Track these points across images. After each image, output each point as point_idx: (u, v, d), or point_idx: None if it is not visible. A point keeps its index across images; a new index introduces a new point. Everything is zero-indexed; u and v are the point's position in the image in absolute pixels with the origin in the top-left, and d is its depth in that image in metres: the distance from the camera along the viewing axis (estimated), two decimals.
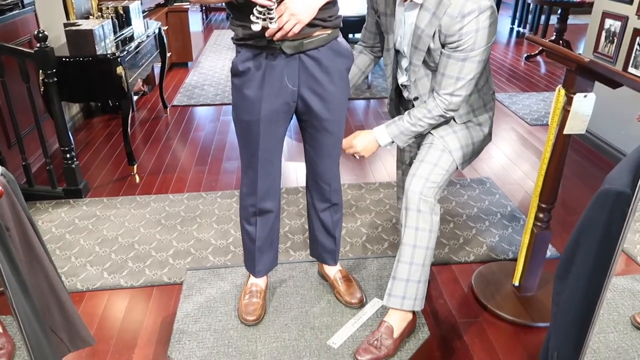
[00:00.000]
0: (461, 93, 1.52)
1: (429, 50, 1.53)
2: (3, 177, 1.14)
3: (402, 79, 1.69)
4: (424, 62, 1.57)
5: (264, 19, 1.35)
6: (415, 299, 1.65)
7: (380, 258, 2.22)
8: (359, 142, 1.65)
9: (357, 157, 1.68)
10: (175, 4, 5.26)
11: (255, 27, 1.35)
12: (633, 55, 2.90)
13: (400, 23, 1.57)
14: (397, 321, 1.70)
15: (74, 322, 1.40)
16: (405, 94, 1.72)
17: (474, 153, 1.71)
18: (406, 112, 1.61)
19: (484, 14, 1.41)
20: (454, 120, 1.65)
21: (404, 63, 1.65)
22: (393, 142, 1.63)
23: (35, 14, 3.08)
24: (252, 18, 1.34)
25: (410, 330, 1.76)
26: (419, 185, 1.59)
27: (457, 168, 1.66)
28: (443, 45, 1.50)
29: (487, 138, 1.74)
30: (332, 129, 1.67)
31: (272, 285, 2.04)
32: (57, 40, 3.22)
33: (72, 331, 1.40)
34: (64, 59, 2.72)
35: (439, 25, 1.46)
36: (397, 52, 1.66)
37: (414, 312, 1.75)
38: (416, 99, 1.64)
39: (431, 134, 1.66)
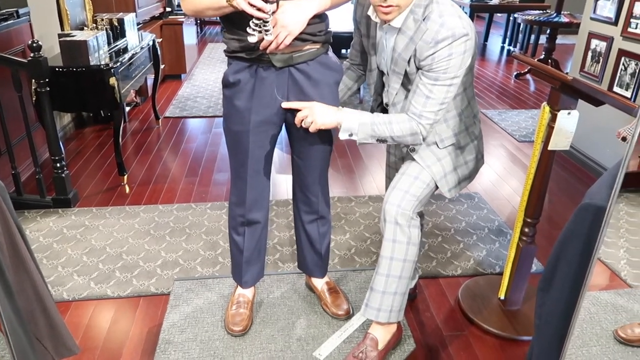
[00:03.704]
0: (430, 116, 1.49)
1: (406, 74, 1.54)
2: None
3: (386, 99, 1.70)
4: (403, 85, 1.57)
5: (260, 31, 1.38)
6: (391, 311, 1.65)
7: (368, 270, 2.23)
8: (319, 108, 1.53)
9: (308, 122, 1.54)
10: (170, 17, 5.31)
11: (252, 39, 1.38)
12: (618, 74, 2.97)
13: (381, 46, 1.59)
14: (382, 333, 1.71)
15: (59, 330, 1.39)
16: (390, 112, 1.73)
17: (461, 178, 1.69)
18: (382, 114, 1.56)
19: (457, 41, 1.41)
20: (437, 145, 1.63)
21: (386, 85, 1.66)
22: (352, 134, 1.53)
23: (30, 24, 3.10)
24: (249, 30, 1.37)
25: (395, 342, 1.76)
26: (397, 198, 1.58)
27: (436, 184, 1.65)
28: (418, 69, 1.51)
29: (477, 162, 1.73)
30: (320, 141, 1.70)
31: (259, 297, 2.04)
32: (51, 50, 3.24)
33: (57, 339, 1.40)
34: (57, 69, 2.73)
35: (415, 50, 1.47)
36: (381, 72, 1.67)
37: (399, 324, 1.76)
38: None
39: (415, 160, 1.64)
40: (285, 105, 1.58)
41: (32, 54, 2.48)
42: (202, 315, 1.94)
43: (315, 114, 1.52)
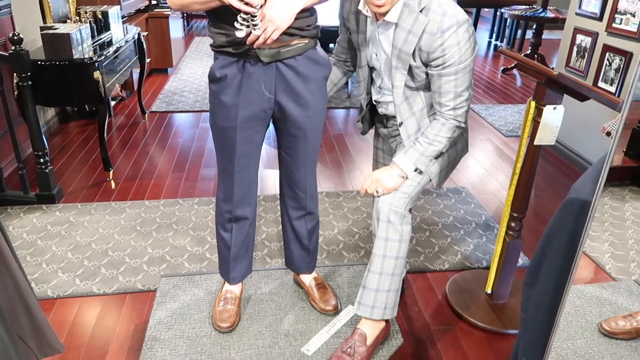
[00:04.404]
0: (463, 104, 1.53)
1: (410, 70, 1.53)
2: None
3: (376, 96, 1.70)
4: (405, 83, 1.56)
5: (248, 26, 1.36)
6: (385, 308, 1.66)
7: (356, 266, 2.23)
8: (380, 175, 1.59)
9: (380, 192, 1.59)
10: (155, 10, 5.24)
11: (240, 34, 1.37)
12: (603, 70, 3.00)
13: (374, 41, 1.58)
14: (371, 328, 1.71)
15: (42, 328, 1.37)
16: (380, 109, 1.72)
17: (449, 170, 1.72)
18: (419, 135, 1.59)
19: (462, 27, 1.43)
20: None
21: (378, 81, 1.66)
22: (417, 169, 1.59)
23: (11, 17, 3.03)
24: (237, 25, 1.35)
25: (383, 337, 1.77)
26: (389, 196, 1.59)
27: (430, 180, 1.67)
28: (426, 65, 1.50)
29: (463, 151, 1.75)
30: (309, 136, 1.68)
31: (247, 293, 2.03)
32: (34, 43, 3.18)
33: (41, 338, 1.37)
34: (39, 63, 2.68)
35: (419, 43, 1.46)
36: (371, 68, 1.67)
37: (387, 319, 1.76)
38: (401, 124, 1.63)
39: None
40: (363, 192, 1.63)
41: (13, 47, 2.43)
42: (189, 311, 1.92)
43: (382, 183, 1.59)
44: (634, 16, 2.78)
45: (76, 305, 1.99)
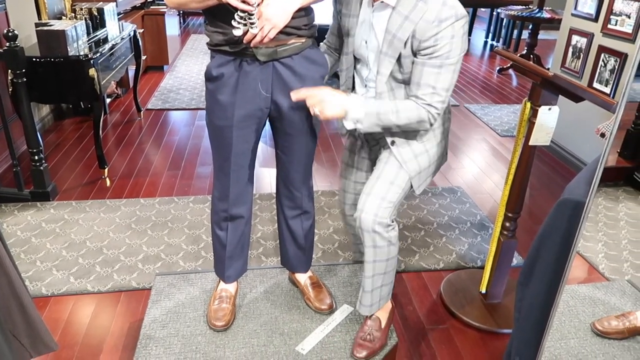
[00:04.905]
0: (438, 105, 1.46)
1: (399, 58, 1.49)
2: None
3: (360, 91, 1.64)
4: (392, 73, 1.52)
5: (245, 24, 1.36)
6: (383, 298, 1.73)
7: (352, 265, 2.23)
8: (327, 98, 1.45)
9: (315, 111, 1.46)
10: (151, 7, 5.22)
11: (237, 32, 1.36)
12: (598, 71, 3.01)
13: (366, 26, 1.53)
14: (381, 312, 1.76)
15: (36, 326, 1.37)
16: None
17: (430, 174, 1.69)
18: (389, 100, 1.51)
19: (459, 21, 1.40)
20: (417, 141, 1.60)
21: (364, 72, 1.60)
22: (357, 122, 1.46)
23: (6, 13, 3.02)
24: (234, 23, 1.35)
25: (392, 317, 1.83)
26: (373, 206, 1.55)
27: (410, 182, 1.63)
28: (415, 54, 1.46)
29: (443, 157, 1.71)
30: (305, 136, 1.68)
31: (242, 291, 2.03)
32: (28, 40, 3.16)
33: (34, 336, 1.37)
34: (34, 59, 2.67)
35: (414, 30, 1.43)
36: (356, 59, 1.61)
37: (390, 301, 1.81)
38: None
39: (394, 155, 1.60)
40: (295, 97, 1.49)
41: (7, 44, 2.41)
42: (184, 310, 1.92)
43: (323, 105, 1.45)
44: (629, 17, 2.79)
45: (70, 303, 1.98)
